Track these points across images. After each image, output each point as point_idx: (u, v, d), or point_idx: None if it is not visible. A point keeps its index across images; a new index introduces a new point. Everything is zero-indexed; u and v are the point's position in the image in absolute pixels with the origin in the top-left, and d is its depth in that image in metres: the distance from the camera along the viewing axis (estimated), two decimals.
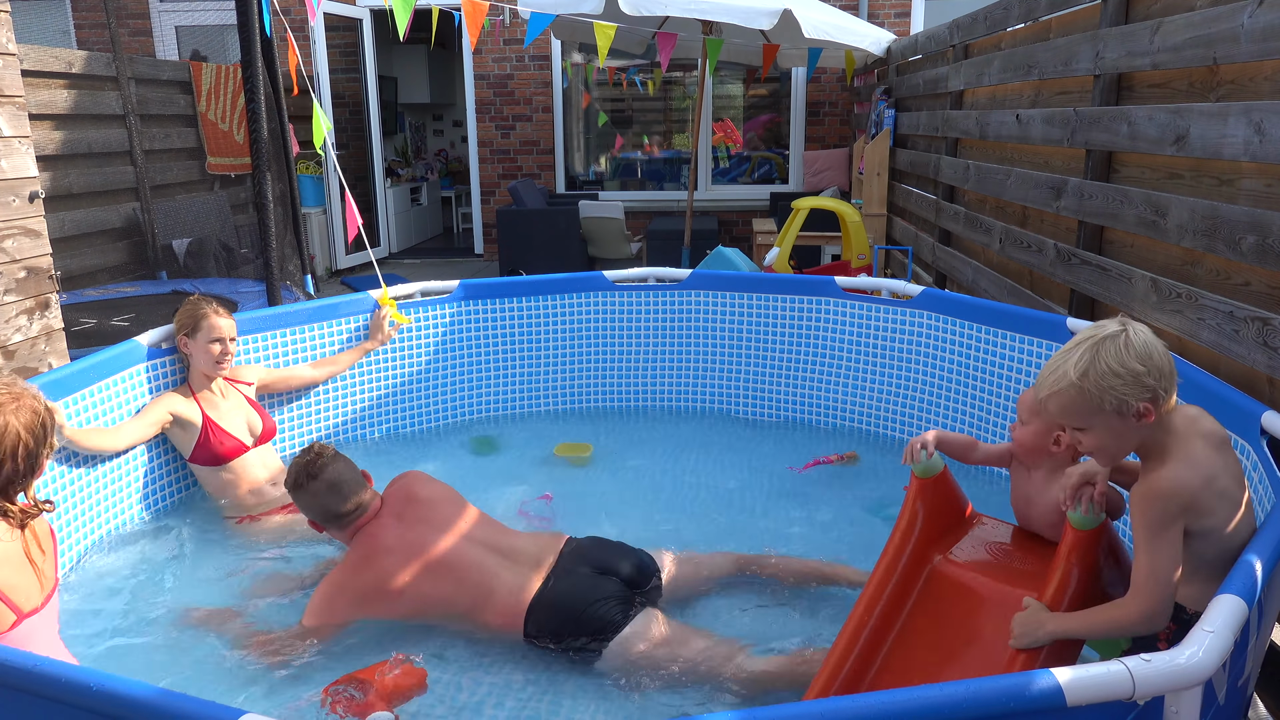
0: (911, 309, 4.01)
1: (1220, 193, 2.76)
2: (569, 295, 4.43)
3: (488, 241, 10.05)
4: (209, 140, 7.86)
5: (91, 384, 3.11)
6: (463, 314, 4.30)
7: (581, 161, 10.29)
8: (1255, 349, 2.47)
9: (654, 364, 4.53)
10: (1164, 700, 1.42)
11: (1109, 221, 3.37)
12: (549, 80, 9.67)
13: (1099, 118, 3.45)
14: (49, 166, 6.08)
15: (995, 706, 1.36)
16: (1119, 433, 1.75)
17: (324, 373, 3.90)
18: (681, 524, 3.32)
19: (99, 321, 5.38)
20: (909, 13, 9.15)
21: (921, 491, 2.15)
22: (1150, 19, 3.14)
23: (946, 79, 5.59)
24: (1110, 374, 1.70)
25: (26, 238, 3.42)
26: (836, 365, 4.26)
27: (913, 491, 2.16)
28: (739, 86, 9.99)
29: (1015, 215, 4.45)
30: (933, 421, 3.94)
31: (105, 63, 6.76)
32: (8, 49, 3.33)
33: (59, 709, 1.51)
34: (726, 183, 9.99)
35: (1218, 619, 1.47)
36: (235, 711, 1.39)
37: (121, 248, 6.95)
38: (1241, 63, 2.62)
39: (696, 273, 4.52)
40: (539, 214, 8.33)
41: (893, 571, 2.11)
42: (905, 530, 2.14)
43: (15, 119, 3.36)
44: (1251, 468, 2.30)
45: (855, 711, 1.36)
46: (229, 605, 2.77)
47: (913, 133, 6.57)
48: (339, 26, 9.73)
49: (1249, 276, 2.60)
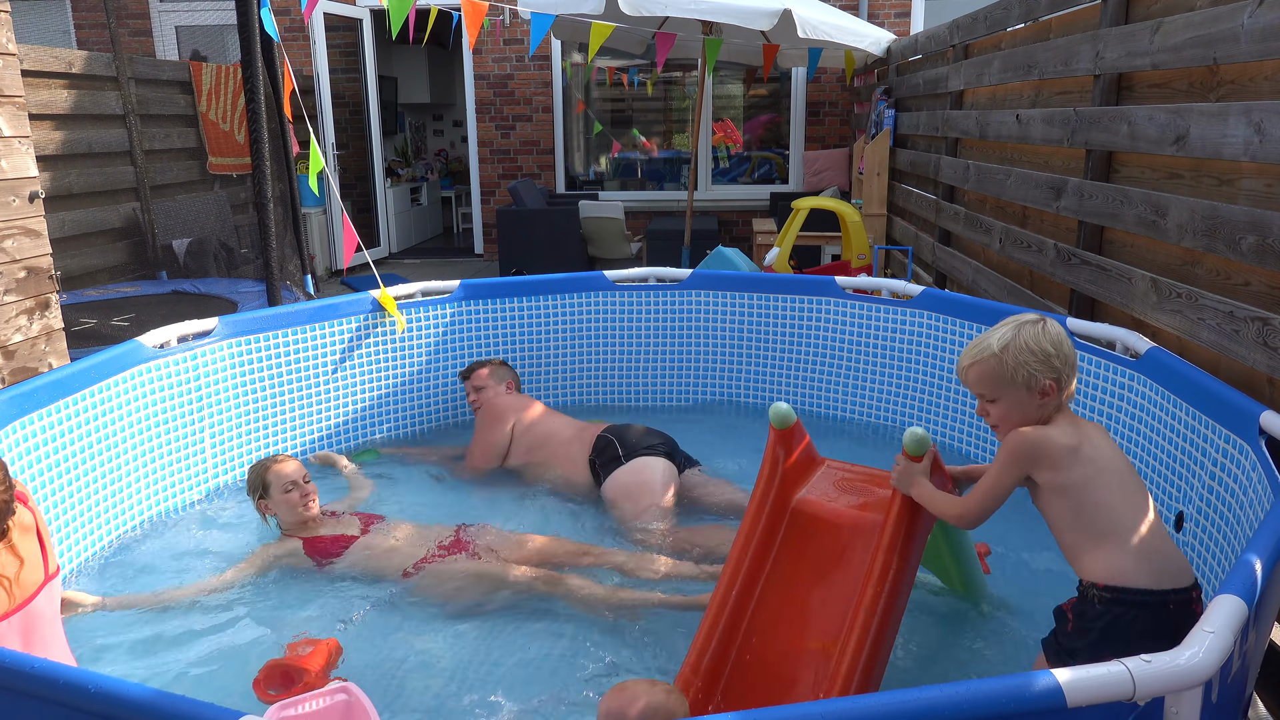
0: (911, 309, 4.01)
1: (1220, 193, 2.76)
2: (569, 295, 4.43)
3: (488, 241, 10.05)
4: (209, 140, 7.86)
5: (91, 384, 3.11)
6: (463, 314, 4.30)
7: (581, 161, 10.29)
8: (1255, 349, 2.47)
9: (654, 364, 4.53)
10: (1164, 701, 1.41)
11: (1109, 221, 3.37)
12: (549, 80, 9.67)
13: (1099, 118, 3.45)
14: (49, 166, 6.08)
15: (995, 707, 1.36)
16: (1023, 404, 2.01)
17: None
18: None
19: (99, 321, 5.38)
20: (909, 13, 9.15)
21: (779, 440, 2.37)
22: (1150, 19, 3.14)
23: (946, 79, 5.59)
24: (1026, 350, 1.98)
25: (26, 238, 3.42)
26: (837, 365, 4.26)
27: (771, 441, 2.37)
28: (739, 86, 9.99)
29: (1015, 215, 4.45)
30: (932, 421, 3.94)
31: (105, 63, 6.76)
32: (8, 49, 3.33)
33: (58, 710, 1.51)
34: (726, 183, 9.99)
35: (1218, 619, 1.47)
36: (235, 712, 1.39)
37: (121, 248, 6.95)
38: (1241, 63, 2.62)
39: (697, 273, 4.52)
40: (539, 214, 8.33)
41: (760, 514, 2.34)
42: (768, 476, 2.37)
43: (15, 119, 3.36)
44: (1250, 468, 2.30)
45: (854, 712, 1.36)
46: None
47: (913, 133, 6.57)
48: (339, 26, 9.73)
49: (1249, 276, 2.60)
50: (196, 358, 3.54)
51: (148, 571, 3.04)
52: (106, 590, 2.91)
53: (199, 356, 3.55)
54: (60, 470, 2.98)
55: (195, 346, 3.55)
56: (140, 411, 3.31)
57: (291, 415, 3.90)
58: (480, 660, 2.52)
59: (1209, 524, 2.52)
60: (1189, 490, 2.65)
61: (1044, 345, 1.98)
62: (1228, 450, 2.45)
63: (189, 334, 3.58)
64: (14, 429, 2.78)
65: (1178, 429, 2.72)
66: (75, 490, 3.04)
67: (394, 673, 2.47)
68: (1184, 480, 2.69)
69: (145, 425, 3.33)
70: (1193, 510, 2.61)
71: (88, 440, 3.09)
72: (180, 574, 3.02)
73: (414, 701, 2.35)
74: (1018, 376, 1.98)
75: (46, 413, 2.91)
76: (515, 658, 2.53)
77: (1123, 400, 3.02)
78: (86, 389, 3.09)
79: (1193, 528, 2.61)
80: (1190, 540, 2.62)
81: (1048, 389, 1.98)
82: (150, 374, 3.35)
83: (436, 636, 2.64)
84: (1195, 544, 2.60)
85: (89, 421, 3.10)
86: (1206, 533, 2.53)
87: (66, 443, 3.00)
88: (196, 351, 3.55)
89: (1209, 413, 2.55)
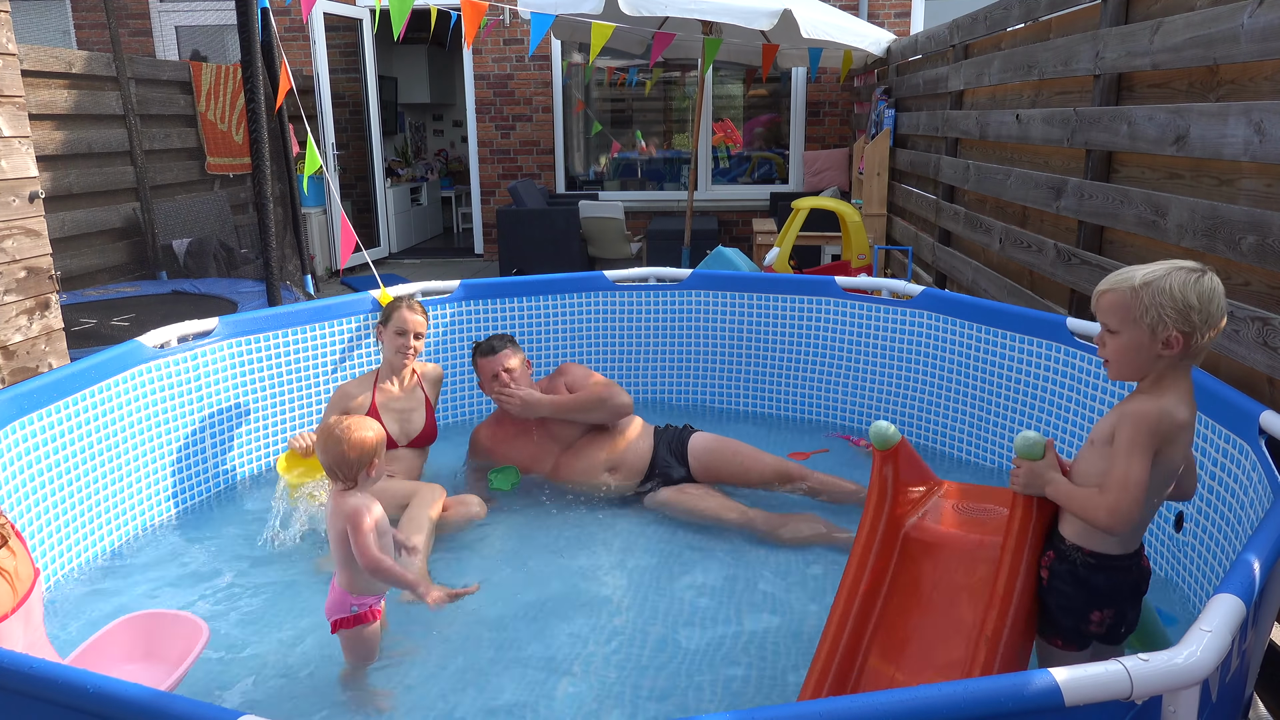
0: (911, 309, 4.01)
1: (1220, 193, 2.76)
2: (569, 295, 4.43)
3: (488, 241, 10.05)
4: (209, 140, 7.86)
5: (91, 384, 3.11)
6: (463, 314, 4.31)
7: (581, 161, 10.29)
8: (1255, 349, 2.47)
9: (654, 364, 4.53)
10: (1162, 700, 1.42)
11: (1109, 221, 3.37)
12: (549, 80, 9.67)
13: (1099, 118, 3.45)
14: (49, 166, 6.09)
15: (993, 706, 1.36)
16: (1141, 349, 1.85)
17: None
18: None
19: (99, 321, 5.38)
20: (909, 13, 9.15)
21: (884, 461, 2.24)
22: (1150, 19, 3.14)
23: (946, 79, 5.59)
24: (1168, 294, 1.80)
25: (26, 238, 3.42)
26: (837, 365, 4.26)
27: (876, 464, 2.24)
28: (739, 86, 9.99)
29: (1015, 215, 4.45)
30: (933, 421, 3.94)
31: (105, 63, 6.76)
32: (8, 49, 3.33)
33: (57, 711, 1.51)
34: (726, 183, 9.99)
35: (1215, 618, 1.47)
36: (234, 713, 1.39)
37: (121, 248, 6.95)
38: (1241, 63, 2.62)
39: (697, 273, 4.52)
40: (539, 214, 8.33)
41: (871, 541, 2.20)
42: (877, 502, 2.23)
43: (15, 119, 3.36)
44: (1250, 468, 2.30)
45: (854, 712, 1.35)
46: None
47: (913, 133, 6.57)
48: (339, 26, 9.73)
49: (1249, 276, 2.60)
50: (196, 358, 3.55)
51: (148, 571, 3.04)
52: (105, 590, 2.91)
53: (199, 356, 3.56)
54: (60, 470, 2.98)
55: (195, 346, 3.55)
56: (140, 412, 3.31)
57: (291, 415, 3.90)
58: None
59: (1209, 524, 2.53)
60: None
61: (1188, 295, 1.79)
62: (1228, 450, 2.45)
63: (189, 334, 3.58)
64: (14, 429, 2.79)
65: None
66: (75, 490, 3.04)
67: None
68: None
69: (145, 425, 3.33)
70: (1193, 510, 2.62)
71: (88, 440, 3.09)
72: (182, 574, 3.02)
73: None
74: (1146, 318, 1.81)
75: (46, 413, 2.91)
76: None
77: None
78: (86, 389, 3.09)
79: (1192, 527, 2.61)
80: (1190, 540, 2.63)
81: (1172, 341, 1.81)
82: (150, 374, 3.36)
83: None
84: (1195, 544, 2.60)
85: (89, 422, 3.10)
86: (1206, 532, 2.54)
87: (66, 443, 3.00)
88: (196, 351, 3.55)
89: (1209, 413, 2.55)
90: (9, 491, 2.74)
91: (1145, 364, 1.86)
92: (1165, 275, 1.81)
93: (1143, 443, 1.81)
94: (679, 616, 2.75)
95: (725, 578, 2.96)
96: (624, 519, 3.36)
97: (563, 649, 2.58)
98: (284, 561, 3.08)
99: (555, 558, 3.10)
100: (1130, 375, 1.91)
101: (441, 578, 2.95)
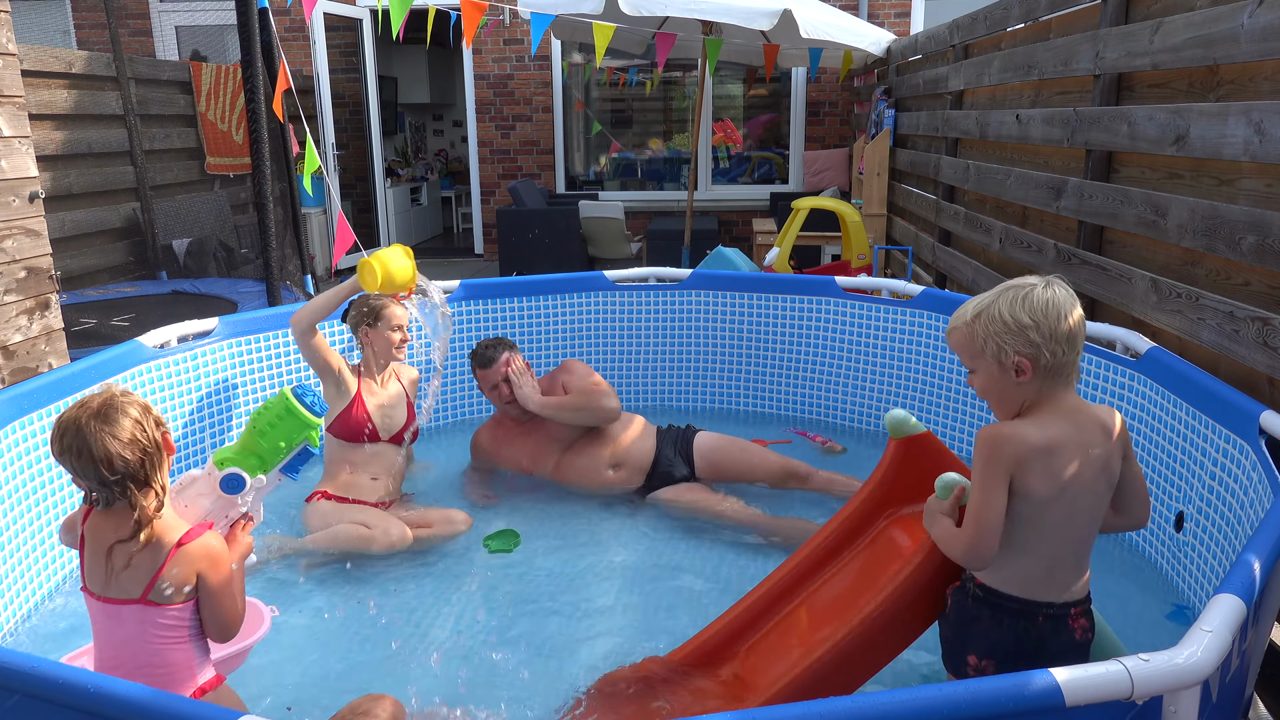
0: (911, 309, 4.01)
1: (1220, 193, 2.76)
2: (569, 295, 4.43)
3: (488, 241, 10.05)
4: (209, 140, 7.86)
5: (91, 384, 3.10)
6: (463, 314, 4.30)
7: (581, 161, 10.29)
8: (1255, 349, 2.47)
9: (654, 364, 4.53)
10: (1162, 700, 1.42)
11: (1109, 221, 3.37)
12: (549, 80, 9.67)
13: (1099, 118, 3.45)
14: (49, 166, 6.08)
15: (993, 706, 1.36)
16: (997, 382, 1.76)
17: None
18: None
19: (99, 321, 5.38)
20: (909, 13, 9.15)
21: (889, 450, 2.20)
22: (1150, 19, 3.14)
23: (946, 79, 5.59)
24: (998, 320, 1.72)
25: (26, 238, 3.42)
26: (837, 365, 4.26)
27: (887, 451, 2.22)
28: (739, 86, 9.98)
29: (1015, 215, 4.45)
30: (933, 421, 3.94)
31: (105, 63, 6.76)
32: (8, 49, 3.33)
33: (57, 711, 1.51)
34: (726, 183, 9.99)
35: (1216, 618, 1.47)
36: (234, 713, 1.39)
37: (121, 248, 6.95)
38: (1241, 63, 2.62)
39: (697, 273, 4.52)
40: (539, 214, 8.33)
41: (840, 520, 2.20)
42: (866, 485, 2.22)
43: (15, 119, 3.36)
44: (1250, 468, 2.30)
45: (854, 712, 1.36)
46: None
47: (913, 133, 6.57)
48: (339, 26, 9.73)
49: (1249, 276, 2.60)
50: (196, 358, 3.55)
51: None
52: None
53: (199, 356, 3.56)
54: (61, 470, 2.97)
55: (195, 346, 3.55)
56: None
57: None
58: None
59: (1209, 524, 2.53)
60: (1189, 490, 2.66)
61: (1019, 315, 1.69)
62: (1228, 450, 2.45)
63: (189, 334, 3.58)
64: (14, 429, 2.78)
65: (1178, 429, 2.72)
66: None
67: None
68: (1184, 480, 2.69)
69: None
70: (1193, 510, 2.62)
71: None
72: None
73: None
74: (987, 350, 1.73)
75: (46, 413, 2.91)
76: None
77: (1123, 400, 3.02)
78: (86, 389, 3.09)
79: (1193, 527, 2.61)
80: (1190, 540, 2.63)
81: (1021, 367, 1.71)
82: (150, 374, 3.35)
83: None
84: (1195, 543, 2.60)
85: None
86: (1206, 532, 2.54)
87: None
88: (196, 351, 3.55)
89: (1209, 412, 2.55)
90: (9, 491, 2.74)
91: (1011, 396, 1.76)
92: (994, 301, 1.74)
93: (983, 470, 1.72)
94: (679, 616, 2.74)
95: (726, 577, 2.96)
96: (624, 518, 3.36)
97: (563, 648, 2.58)
98: (283, 561, 3.08)
99: (555, 557, 3.10)
100: (1005, 411, 1.80)
101: (442, 579, 2.96)
